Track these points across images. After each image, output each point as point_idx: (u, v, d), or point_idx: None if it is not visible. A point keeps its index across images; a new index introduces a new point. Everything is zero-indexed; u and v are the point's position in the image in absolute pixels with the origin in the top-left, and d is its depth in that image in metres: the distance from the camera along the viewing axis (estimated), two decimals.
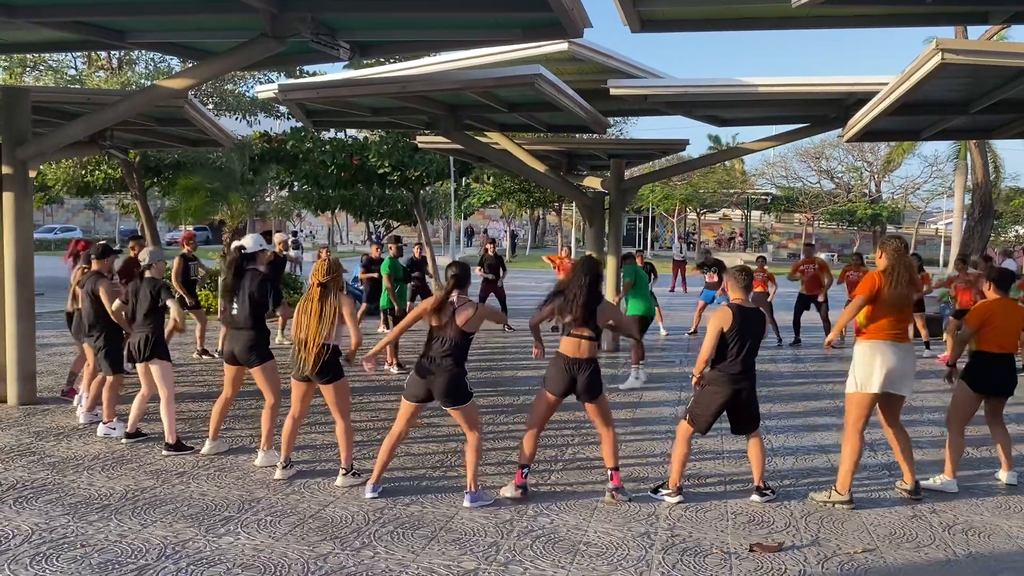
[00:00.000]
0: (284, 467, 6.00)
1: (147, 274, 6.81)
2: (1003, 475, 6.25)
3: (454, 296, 5.46)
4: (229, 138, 11.53)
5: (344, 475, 5.85)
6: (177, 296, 10.47)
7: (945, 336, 12.42)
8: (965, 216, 25.24)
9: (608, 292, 12.65)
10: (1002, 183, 38.69)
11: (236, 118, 22.52)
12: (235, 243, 6.82)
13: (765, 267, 14.06)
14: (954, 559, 4.77)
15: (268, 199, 28.59)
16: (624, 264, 10.89)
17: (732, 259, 26.06)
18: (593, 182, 13.51)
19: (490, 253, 15.06)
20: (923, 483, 5.91)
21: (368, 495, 5.55)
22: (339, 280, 5.87)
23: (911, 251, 6.73)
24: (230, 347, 6.43)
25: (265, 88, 10.37)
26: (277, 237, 12.17)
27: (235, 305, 6.38)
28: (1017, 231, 52.81)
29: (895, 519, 5.41)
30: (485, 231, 16.49)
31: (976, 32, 20.13)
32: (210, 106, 20.67)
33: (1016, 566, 4.69)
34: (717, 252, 43.67)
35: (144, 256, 7.02)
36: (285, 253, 12.50)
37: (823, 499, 5.66)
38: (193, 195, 16.35)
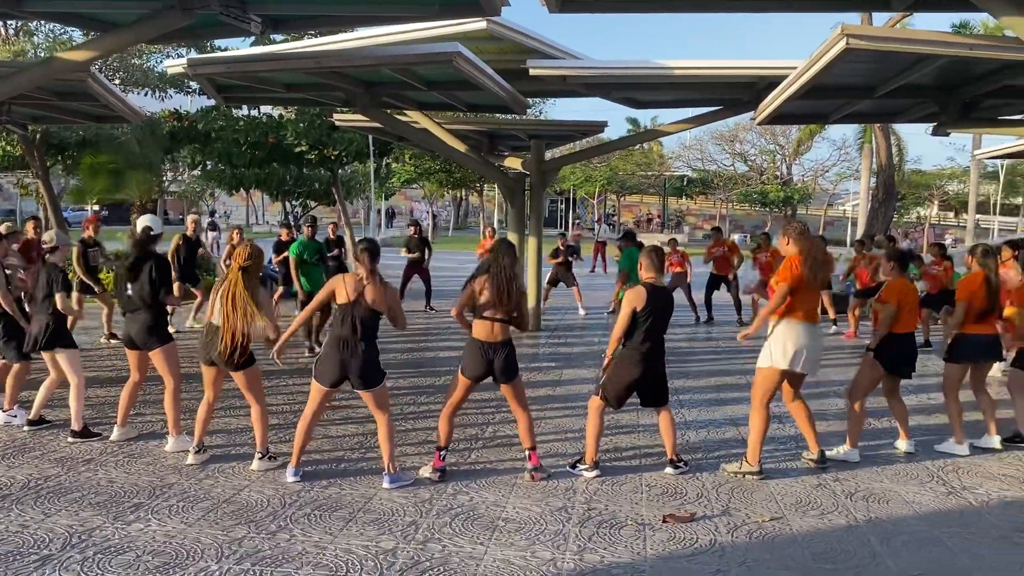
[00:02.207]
0: (197, 452, 5.87)
1: (48, 258, 6.53)
2: (901, 444, 6.57)
3: (363, 272, 5.40)
4: (137, 114, 11.09)
5: (260, 459, 5.75)
6: (77, 282, 10.07)
7: (849, 314, 12.96)
8: (870, 198, 26.25)
9: (530, 271, 12.73)
10: (905, 166, 40.41)
11: (145, 93, 21.70)
12: (141, 222, 6.58)
13: (677, 248, 14.42)
14: (855, 524, 4.99)
15: (180, 178, 27.61)
16: (627, 247, 10.61)
17: (650, 240, 26.50)
18: (514, 163, 13.52)
19: (414, 236, 14.95)
20: (827, 453, 6.16)
21: (289, 479, 5.47)
22: (260, 266, 5.74)
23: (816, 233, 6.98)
24: (127, 330, 6.25)
25: (174, 63, 9.99)
26: (189, 218, 11.79)
27: (129, 287, 6.16)
28: (919, 212, 55.28)
29: (801, 488, 5.63)
30: (416, 223, 16.20)
31: (882, 19, 20.88)
32: (116, 81, 19.85)
33: (911, 529, 4.94)
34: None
35: (49, 238, 6.74)
36: (198, 234, 12.11)
37: (734, 470, 5.85)
38: (98, 174, 15.69)
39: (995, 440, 6.61)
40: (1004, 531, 4.93)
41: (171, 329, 11.12)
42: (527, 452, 5.71)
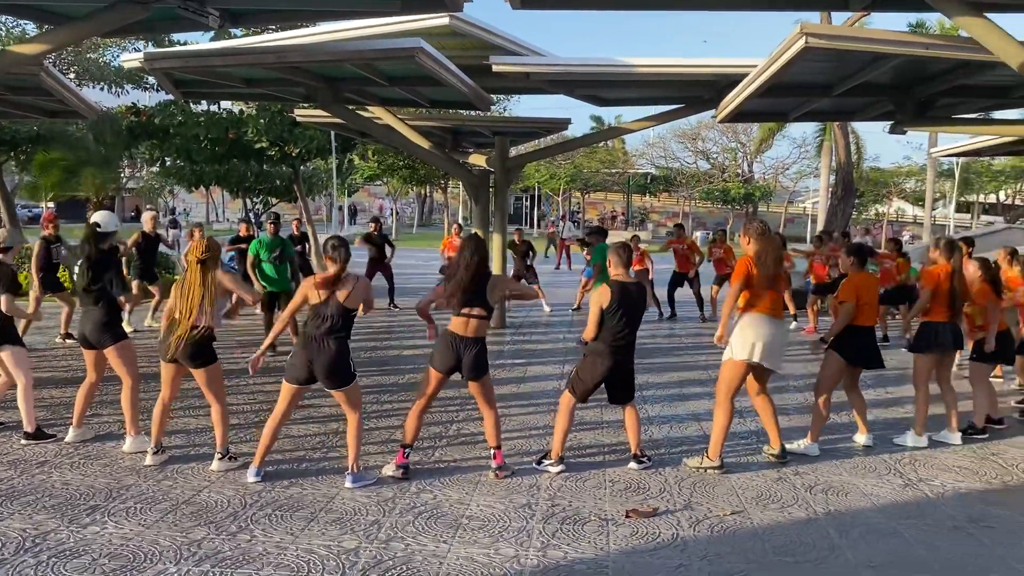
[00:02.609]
0: (155, 452, 5.77)
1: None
2: (860, 438, 6.67)
3: (334, 270, 5.35)
4: (92, 109, 10.86)
5: (220, 459, 5.67)
6: (37, 282, 9.86)
7: (808, 309, 13.14)
8: (829, 195, 26.63)
9: (495, 268, 12.72)
10: (863, 164, 41.08)
11: (101, 88, 21.30)
12: (93, 219, 6.45)
13: (639, 245, 14.53)
14: (815, 517, 5.06)
15: (138, 174, 27.15)
16: (597, 244, 10.61)
17: (615, 237, 26.63)
18: (478, 159, 13.49)
19: (375, 232, 14.85)
20: (788, 447, 6.23)
21: (250, 479, 5.40)
22: (217, 258, 5.66)
23: (775, 231, 7.05)
24: (81, 329, 6.13)
25: (130, 57, 9.80)
26: (146, 214, 11.57)
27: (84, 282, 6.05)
28: (877, 209, 56.25)
29: (762, 482, 5.69)
30: (377, 220, 16.04)
31: (841, 18, 21.17)
32: (71, 75, 19.47)
33: (869, 521, 5.02)
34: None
35: (0, 237, 6.60)
36: (157, 231, 11.91)
37: (696, 464, 5.89)
38: (51, 170, 15.36)
39: (956, 437, 6.72)
40: (959, 522, 5.03)
41: (128, 328, 10.99)
42: (492, 451, 5.69)
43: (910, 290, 10.01)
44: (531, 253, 14.90)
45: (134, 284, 11.26)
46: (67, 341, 10.34)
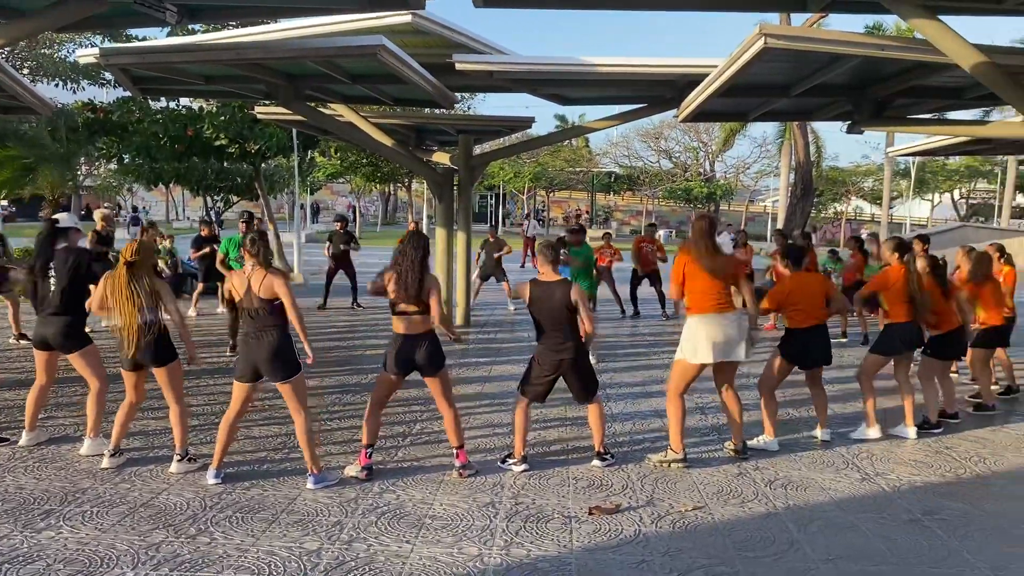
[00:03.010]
0: (112, 455, 5.67)
1: None
2: (818, 433, 6.77)
3: (248, 266, 5.30)
4: (47, 106, 10.63)
5: (179, 461, 5.59)
6: None
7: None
8: (789, 194, 26.99)
9: (459, 266, 12.70)
10: (823, 163, 41.72)
11: (56, 84, 20.88)
12: (51, 215, 6.32)
13: (611, 244, 14.59)
14: (774, 512, 5.13)
15: (95, 172, 26.64)
16: (575, 245, 10.62)
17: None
18: (442, 158, 13.45)
19: (340, 231, 14.73)
20: (748, 442, 6.31)
21: (210, 481, 5.33)
22: (149, 260, 5.56)
23: (718, 227, 7.05)
24: (41, 332, 5.99)
25: (86, 52, 9.61)
26: (97, 213, 11.36)
27: (51, 285, 5.93)
28: (836, 208, 57.16)
29: (723, 477, 5.75)
30: (343, 218, 15.85)
31: (800, 20, 21.47)
32: (25, 71, 19.05)
33: (828, 515, 5.10)
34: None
35: None
36: (108, 230, 11.69)
37: (659, 459, 5.94)
38: (5, 168, 15.02)
39: (911, 431, 6.85)
40: (914, 515, 5.13)
41: (86, 329, 10.79)
42: (455, 450, 5.68)
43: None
44: (506, 248, 14.81)
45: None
46: (21, 342, 10.12)
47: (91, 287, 5.98)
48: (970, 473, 6.01)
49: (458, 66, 9.35)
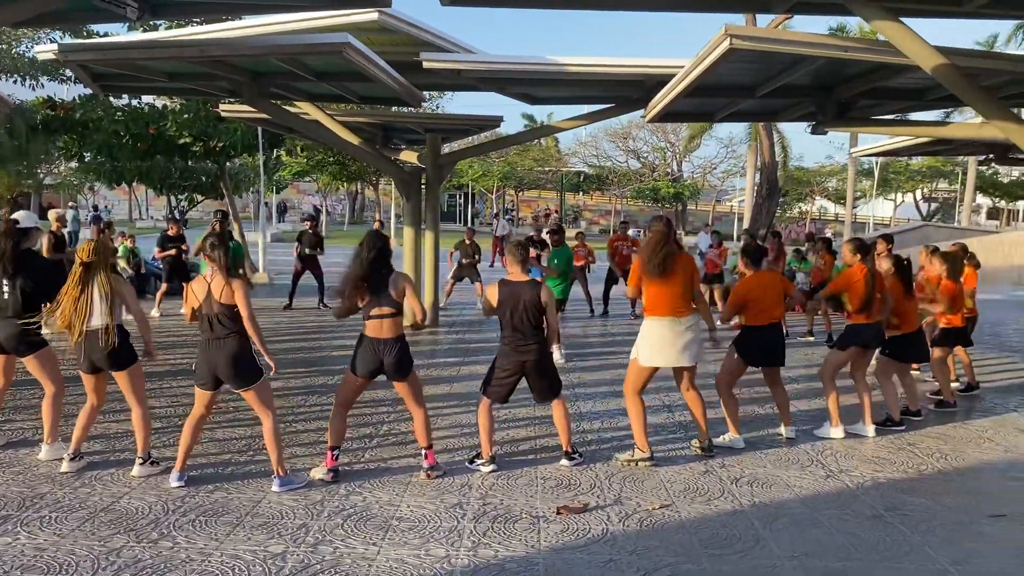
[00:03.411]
0: (72, 459, 5.55)
1: None
2: (783, 430, 6.83)
3: (208, 271, 5.23)
4: (4, 102, 10.43)
5: (141, 464, 5.49)
6: None
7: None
8: (755, 194, 27.26)
9: (427, 265, 12.64)
10: (788, 163, 42.20)
11: (14, 80, 20.46)
12: (11, 215, 6.17)
13: (585, 243, 14.65)
14: (740, 509, 5.16)
15: (55, 171, 26.13)
16: (554, 246, 10.56)
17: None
18: (410, 156, 13.38)
19: (309, 231, 14.59)
20: (714, 440, 6.35)
21: (173, 484, 5.24)
22: (106, 261, 5.45)
23: (677, 227, 7.15)
24: None
25: (44, 48, 9.41)
26: (52, 213, 11.14)
27: (5, 287, 5.78)
28: (800, 208, 57.86)
29: (689, 475, 5.78)
30: (312, 218, 15.67)
31: (764, 21, 21.68)
32: None
33: (791, 512, 5.14)
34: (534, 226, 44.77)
35: None
36: (64, 231, 11.49)
37: (627, 458, 5.95)
38: None
39: (870, 429, 6.93)
40: (878, 511, 5.19)
41: (45, 331, 10.58)
42: (423, 451, 5.64)
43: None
44: (478, 256, 14.77)
45: None
46: None
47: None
48: (932, 469, 6.10)
49: (425, 64, 9.31)
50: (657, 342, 5.85)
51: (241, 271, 10.19)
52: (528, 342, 5.64)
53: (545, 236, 11.31)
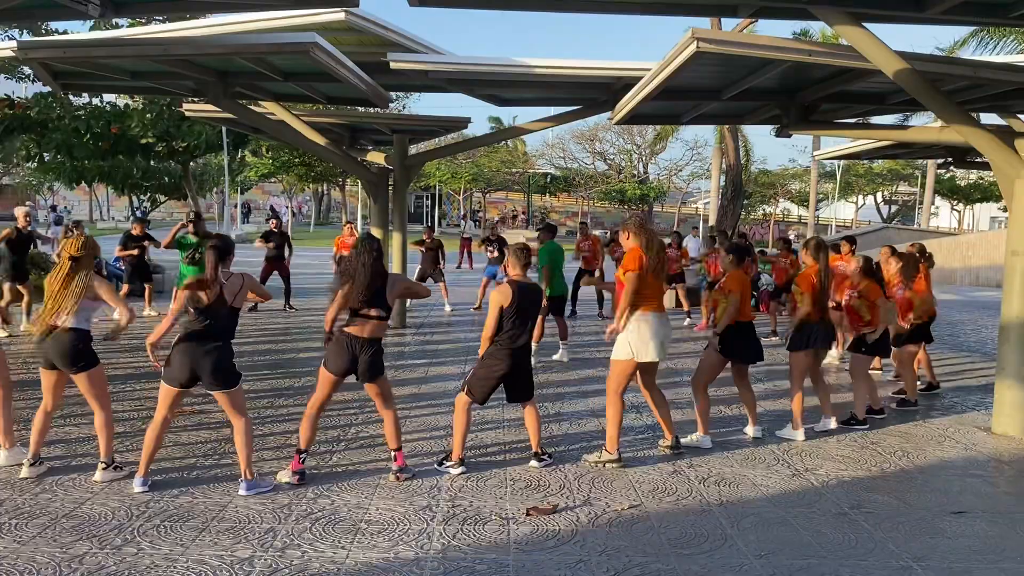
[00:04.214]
0: (32, 464, 5.43)
1: None
2: (749, 430, 6.90)
3: (210, 271, 5.18)
4: None
5: (104, 469, 5.39)
6: None
7: (703, 307, 13.55)
8: (720, 196, 27.53)
9: (395, 267, 12.58)
10: (752, 166, 42.71)
11: None
12: None
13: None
14: (708, 508, 5.20)
15: (12, 170, 25.60)
16: (541, 245, 10.52)
17: (516, 236, 26.82)
18: (377, 157, 13.32)
19: (275, 230, 14.46)
20: (682, 440, 6.39)
21: (136, 489, 5.16)
22: (93, 257, 5.37)
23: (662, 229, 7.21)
24: None
25: (2, 46, 9.22)
26: (18, 211, 11.00)
27: None
28: (764, 209, 58.55)
29: (658, 475, 5.82)
30: (277, 217, 15.59)
31: (730, 25, 21.92)
32: None
33: (758, 510, 5.19)
34: (502, 230, 44.82)
35: None
36: (30, 229, 11.29)
37: (595, 460, 5.98)
38: None
39: (831, 422, 7.05)
40: (842, 508, 5.27)
41: (2, 333, 10.37)
42: (392, 453, 5.61)
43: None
44: (442, 253, 14.77)
45: (4, 286, 10.65)
46: None
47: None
48: (894, 467, 6.21)
49: (393, 65, 9.28)
50: (651, 337, 5.88)
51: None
52: (525, 341, 5.71)
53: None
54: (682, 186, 58.33)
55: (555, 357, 10.12)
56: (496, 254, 14.73)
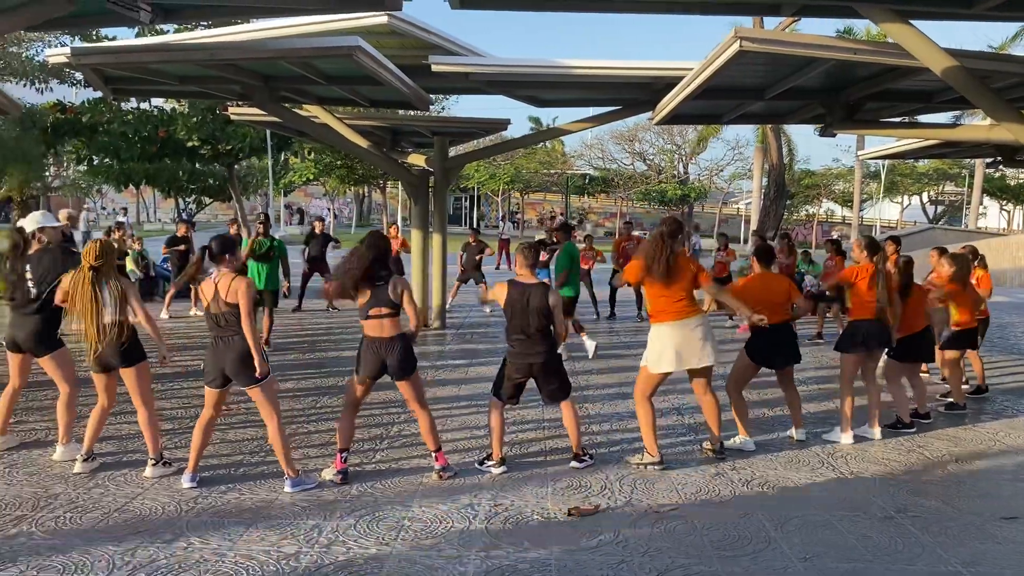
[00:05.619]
0: (85, 460, 5.59)
1: None
2: (794, 432, 6.82)
3: (213, 271, 5.26)
4: (15, 106, 10.47)
5: (153, 465, 5.52)
6: None
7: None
8: (762, 196, 27.23)
9: (435, 267, 12.66)
10: (795, 166, 42.18)
11: (24, 84, 20.56)
12: (19, 222, 6.23)
13: (593, 246, 14.67)
14: (751, 511, 5.16)
15: (63, 174, 26.31)
16: (563, 245, 10.53)
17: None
18: (417, 159, 13.42)
19: (317, 232, 14.67)
20: (725, 443, 6.35)
21: (185, 485, 5.28)
22: (112, 262, 5.47)
23: (686, 228, 7.13)
24: (13, 334, 5.90)
25: (56, 52, 9.48)
26: (62, 213, 11.29)
27: (29, 286, 5.83)
28: (807, 210, 57.74)
29: (700, 477, 5.79)
30: (320, 219, 15.86)
31: (772, 23, 21.69)
32: None
33: (802, 513, 5.14)
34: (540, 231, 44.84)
35: None
36: (74, 230, 11.61)
37: (637, 461, 5.96)
38: None
39: (876, 432, 6.90)
40: (888, 512, 5.19)
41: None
42: (433, 453, 5.66)
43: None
44: (484, 253, 14.82)
45: None
46: None
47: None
48: (942, 471, 6.10)
49: (434, 68, 9.34)
50: (666, 348, 5.85)
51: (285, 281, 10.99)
52: (535, 345, 5.67)
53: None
54: (723, 186, 57.71)
55: (588, 355, 10.15)
56: (547, 256, 14.76)
